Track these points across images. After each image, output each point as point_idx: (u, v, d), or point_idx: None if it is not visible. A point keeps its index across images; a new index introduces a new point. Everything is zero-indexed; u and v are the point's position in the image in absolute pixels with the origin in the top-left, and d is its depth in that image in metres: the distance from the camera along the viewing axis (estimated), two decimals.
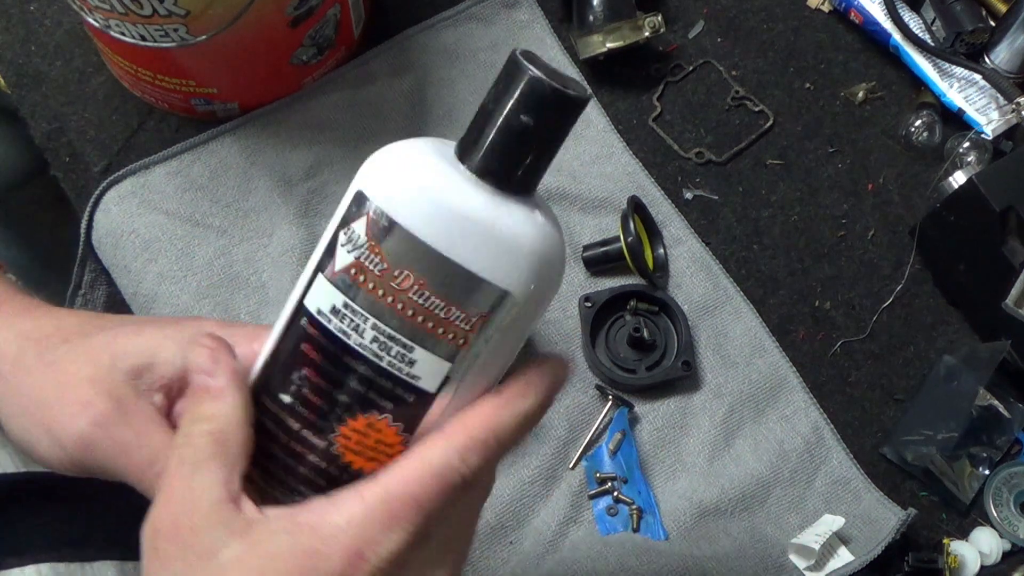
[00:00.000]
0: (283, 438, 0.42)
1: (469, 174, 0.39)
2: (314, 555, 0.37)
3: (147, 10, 0.69)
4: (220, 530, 0.38)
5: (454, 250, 0.37)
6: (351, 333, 0.39)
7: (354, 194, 0.39)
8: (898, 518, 0.75)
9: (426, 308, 0.38)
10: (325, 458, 0.41)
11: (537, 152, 0.39)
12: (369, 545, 0.38)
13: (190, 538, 0.38)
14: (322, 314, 0.39)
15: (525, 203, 0.39)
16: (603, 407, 0.79)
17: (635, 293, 0.82)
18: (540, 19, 0.92)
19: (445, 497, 0.39)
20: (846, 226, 0.88)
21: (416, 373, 0.39)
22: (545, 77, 0.37)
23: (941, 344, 0.85)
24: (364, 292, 0.38)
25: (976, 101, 0.88)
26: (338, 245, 0.39)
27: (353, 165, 0.40)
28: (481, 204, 0.38)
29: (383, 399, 0.40)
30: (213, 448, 0.39)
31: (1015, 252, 0.79)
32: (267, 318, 0.79)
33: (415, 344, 0.38)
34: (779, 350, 0.82)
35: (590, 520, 0.76)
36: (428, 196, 0.38)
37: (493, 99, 0.39)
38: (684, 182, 0.88)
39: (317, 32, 0.80)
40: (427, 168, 0.38)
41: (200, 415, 0.40)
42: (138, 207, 0.80)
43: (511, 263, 0.38)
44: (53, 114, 0.85)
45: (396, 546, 0.38)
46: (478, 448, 0.39)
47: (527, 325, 0.41)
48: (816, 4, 0.95)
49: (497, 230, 0.38)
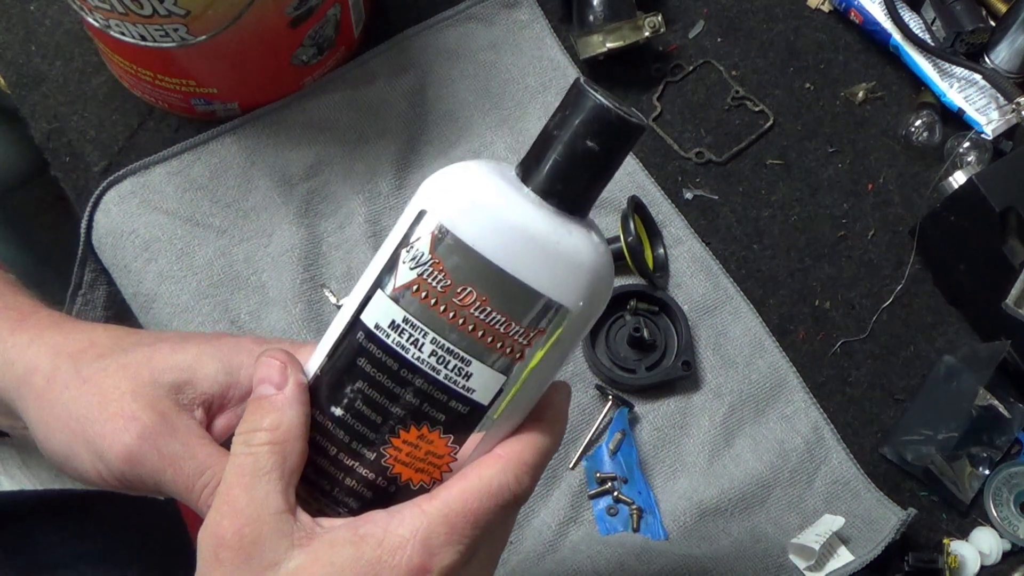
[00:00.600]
0: (332, 450, 0.43)
1: (532, 194, 0.40)
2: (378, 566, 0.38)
3: (147, 10, 0.69)
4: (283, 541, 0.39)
5: (518, 267, 0.39)
6: (410, 347, 0.40)
7: (416, 213, 0.40)
8: (898, 518, 0.75)
9: (486, 323, 0.39)
10: (374, 470, 0.42)
11: (597, 175, 0.41)
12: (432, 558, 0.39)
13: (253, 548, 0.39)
14: (380, 329, 0.41)
15: (582, 223, 0.41)
16: (603, 407, 0.79)
17: (635, 293, 0.82)
18: (540, 19, 0.91)
19: (499, 515, 0.41)
20: (846, 226, 0.88)
21: (472, 386, 0.40)
22: (611, 105, 0.39)
23: (941, 344, 0.85)
24: (426, 307, 0.40)
25: (976, 101, 0.88)
26: (399, 262, 0.40)
27: (353, 165, 0.40)
28: (544, 224, 0.39)
29: (437, 411, 0.41)
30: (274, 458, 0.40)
31: (1015, 252, 0.79)
32: (267, 318, 0.79)
33: (472, 358, 0.40)
34: (779, 350, 0.82)
35: (590, 520, 0.76)
36: (492, 214, 0.39)
37: (558, 124, 0.40)
38: (684, 182, 0.88)
39: (317, 32, 0.80)
40: (491, 188, 0.40)
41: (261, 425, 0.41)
42: (138, 207, 0.80)
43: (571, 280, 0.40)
44: (53, 114, 0.85)
45: (454, 559, 0.40)
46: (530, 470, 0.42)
47: (578, 339, 0.43)
48: (816, 4, 0.95)
49: (560, 249, 0.39)
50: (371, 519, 0.40)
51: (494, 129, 0.87)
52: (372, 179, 0.83)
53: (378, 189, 0.83)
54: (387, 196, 0.83)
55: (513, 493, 0.41)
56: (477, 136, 0.87)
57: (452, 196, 0.40)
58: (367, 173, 0.83)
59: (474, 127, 0.87)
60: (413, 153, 0.85)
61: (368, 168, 0.84)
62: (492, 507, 0.40)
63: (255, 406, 0.42)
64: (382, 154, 0.84)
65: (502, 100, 0.88)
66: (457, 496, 0.40)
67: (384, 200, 0.83)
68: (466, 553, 0.40)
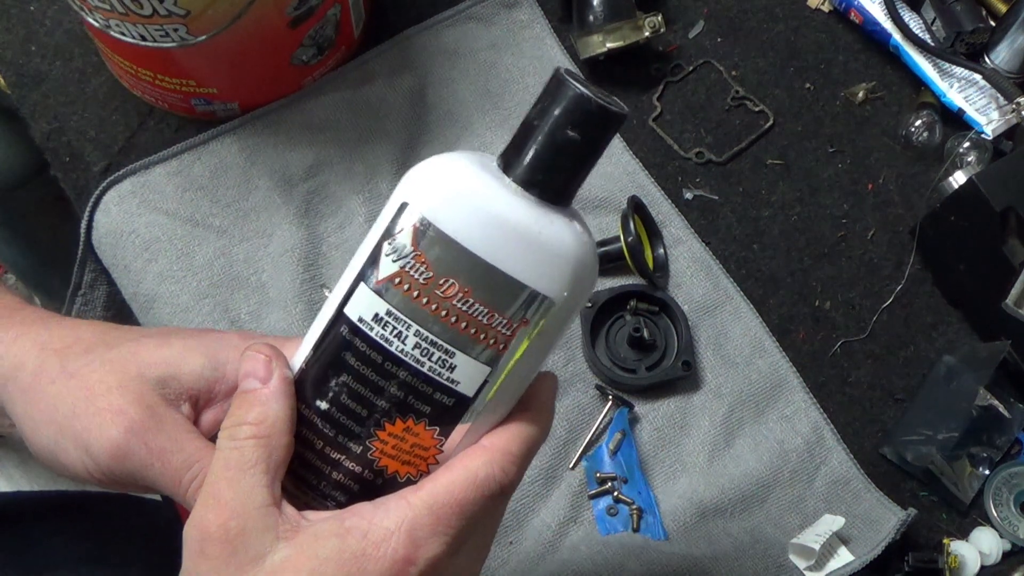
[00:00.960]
0: (318, 444, 0.43)
1: (514, 185, 0.40)
2: (363, 558, 0.38)
3: (147, 10, 0.69)
4: (268, 534, 0.39)
5: (499, 258, 0.39)
6: (393, 340, 0.40)
7: (398, 206, 0.41)
8: (898, 518, 0.75)
9: (469, 314, 0.39)
10: (360, 463, 0.42)
11: (578, 165, 0.40)
12: (417, 549, 0.39)
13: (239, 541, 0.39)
14: (364, 322, 0.41)
15: (565, 213, 0.41)
16: (603, 407, 0.79)
17: (635, 293, 0.82)
18: (540, 19, 0.92)
19: (486, 506, 0.41)
20: (846, 226, 0.88)
21: (456, 378, 0.40)
22: (591, 94, 0.39)
23: (941, 344, 0.85)
24: (408, 300, 0.40)
25: (976, 101, 0.88)
26: (382, 255, 0.40)
27: (353, 165, 0.40)
28: (525, 214, 0.39)
29: (422, 404, 0.41)
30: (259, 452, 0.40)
31: (1015, 252, 0.79)
32: (267, 318, 0.79)
33: (456, 350, 0.40)
34: (779, 350, 0.82)
35: (590, 520, 0.76)
36: (473, 206, 0.39)
37: (538, 114, 0.40)
38: (684, 182, 0.88)
39: (317, 32, 0.80)
40: (471, 179, 0.40)
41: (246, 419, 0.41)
42: (138, 207, 0.80)
43: (554, 270, 0.39)
44: (53, 114, 0.85)
45: (439, 550, 0.40)
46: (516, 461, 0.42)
47: (562, 329, 0.43)
48: (816, 4, 0.95)
49: (542, 239, 0.39)
50: (357, 511, 0.40)
51: (494, 129, 0.87)
52: (372, 179, 0.83)
53: (378, 189, 0.83)
54: (387, 196, 0.81)
55: (499, 483, 0.41)
56: (477, 136, 0.87)
57: (433, 188, 0.40)
58: (367, 173, 0.83)
59: (474, 127, 0.87)
60: (413, 153, 0.85)
61: (368, 168, 0.84)
62: (478, 497, 0.40)
63: (240, 400, 0.42)
64: (382, 154, 0.84)
65: (502, 100, 0.88)
66: (443, 487, 0.40)
67: (384, 200, 0.82)
68: (452, 544, 0.40)
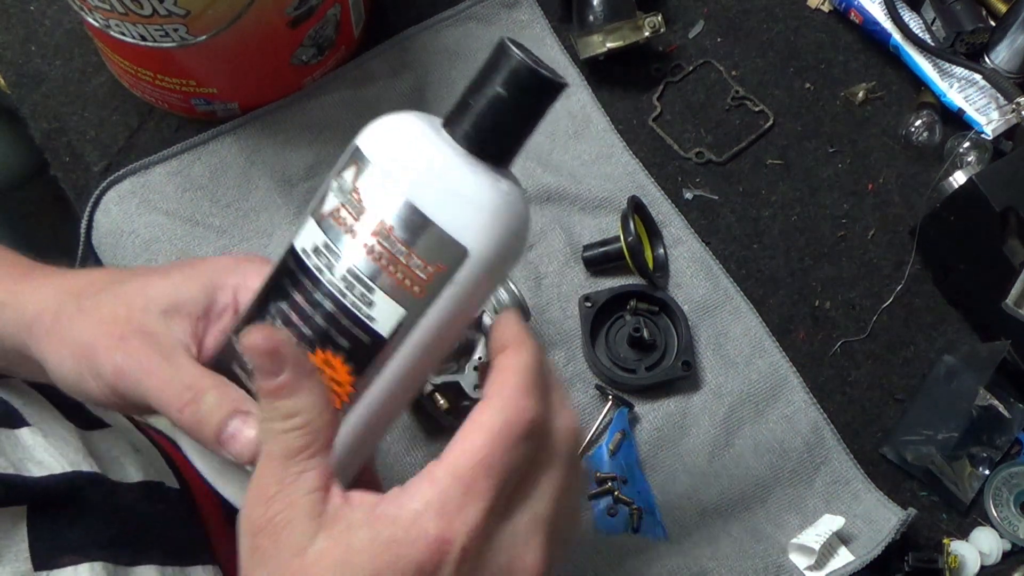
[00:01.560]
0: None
1: (448, 137, 0.42)
2: (395, 544, 0.38)
3: (147, 10, 0.69)
4: (310, 524, 0.39)
5: (424, 202, 0.41)
6: (324, 270, 0.42)
7: (352, 149, 0.44)
8: (898, 518, 0.75)
9: (390, 252, 0.41)
10: None
11: (510, 125, 0.43)
12: (450, 524, 0.38)
13: (284, 533, 0.39)
14: (305, 252, 0.43)
15: (495, 171, 0.42)
16: (603, 407, 0.79)
17: (635, 293, 0.82)
18: (540, 19, 0.92)
19: (512, 454, 0.39)
20: (846, 226, 0.88)
21: (373, 315, 0.42)
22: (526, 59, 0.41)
23: (941, 344, 0.85)
24: (341, 232, 0.42)
25: (976, 101, 0.88)
26: (329, 191, 0.43)
27: None
28: (451, 162, 0.41)
29: (341, 337, 0.42)
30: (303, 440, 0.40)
31: (1015, 252, 0.79)
32: None
33: (375, 286, 0.41)
34: (779, 350, 0.82)
35: (590, 520, 0.76)
36: (408, 151, 0.42)
37: (479, 76, 0.42)
38: (684, 182, 0.88)
39: (317, 32, 0.80)
40: (413, 129, 0.43)
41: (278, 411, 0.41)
42: (138, 207, 0.80)
43: (471, 221, 0.41)
44: (53, 114, 0.85)
45: (477, 518, 0.38)
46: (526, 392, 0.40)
47: (483, 291, 0.44)
48: (816, 4, 0.95)
49: (462, 187, 0.41)
50: (388, 497, 0.39)
51: None
52: None
53: None
54: None
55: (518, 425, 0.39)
56: None
57: (380, 135, 0.43)
58: None
59: None
60: None
61: None
62: (501, 448, 0.39)
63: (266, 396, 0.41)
64: None
65: None
66: (460, 451, 0.39)
67: None
68: (492, 509, 0.38)
